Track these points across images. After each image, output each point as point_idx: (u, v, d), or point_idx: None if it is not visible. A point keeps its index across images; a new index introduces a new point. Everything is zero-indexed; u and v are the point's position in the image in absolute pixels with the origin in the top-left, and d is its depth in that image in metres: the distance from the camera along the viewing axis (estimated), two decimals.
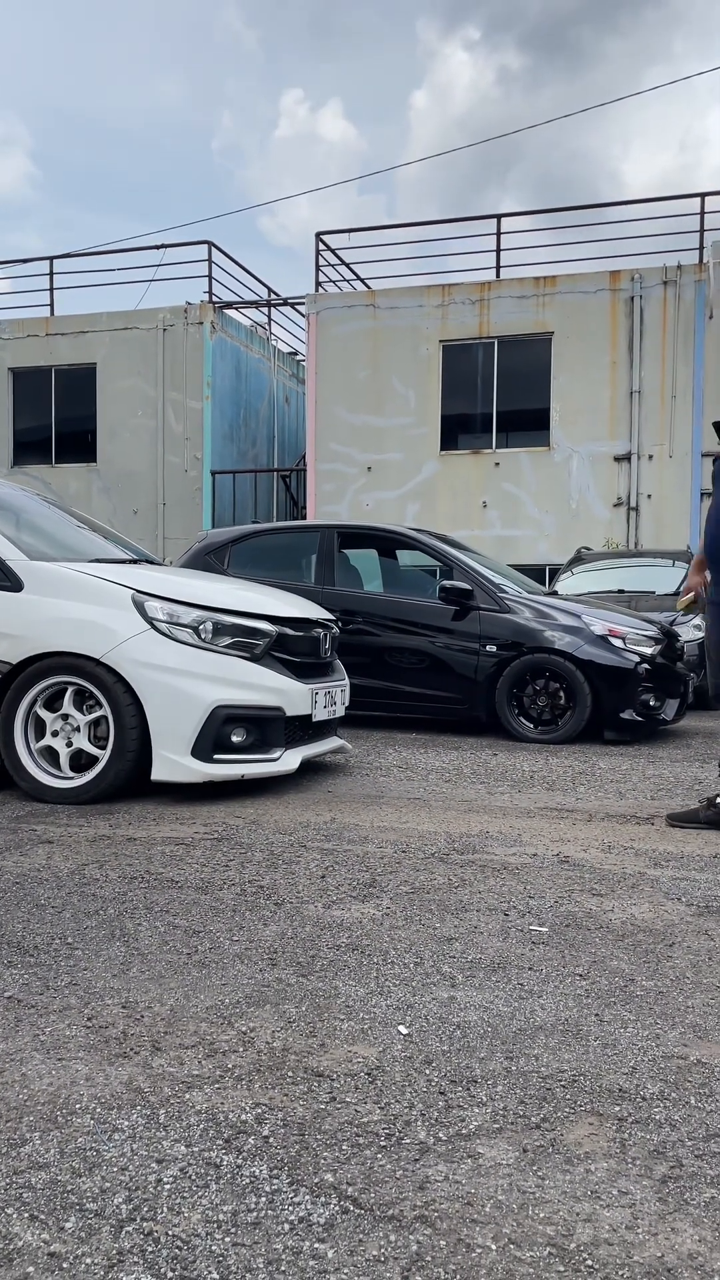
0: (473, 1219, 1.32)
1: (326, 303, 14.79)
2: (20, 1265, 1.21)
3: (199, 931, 2.48)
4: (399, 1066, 1.76)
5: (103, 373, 15.72)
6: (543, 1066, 1.77)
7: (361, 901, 2.76)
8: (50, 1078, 1.70)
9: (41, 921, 2.55)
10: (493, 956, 2.34)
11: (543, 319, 13.89)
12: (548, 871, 3.13)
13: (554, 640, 6.37)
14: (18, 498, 5.14)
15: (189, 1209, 1.33)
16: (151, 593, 4.22)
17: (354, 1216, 1.32)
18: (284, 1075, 1.72)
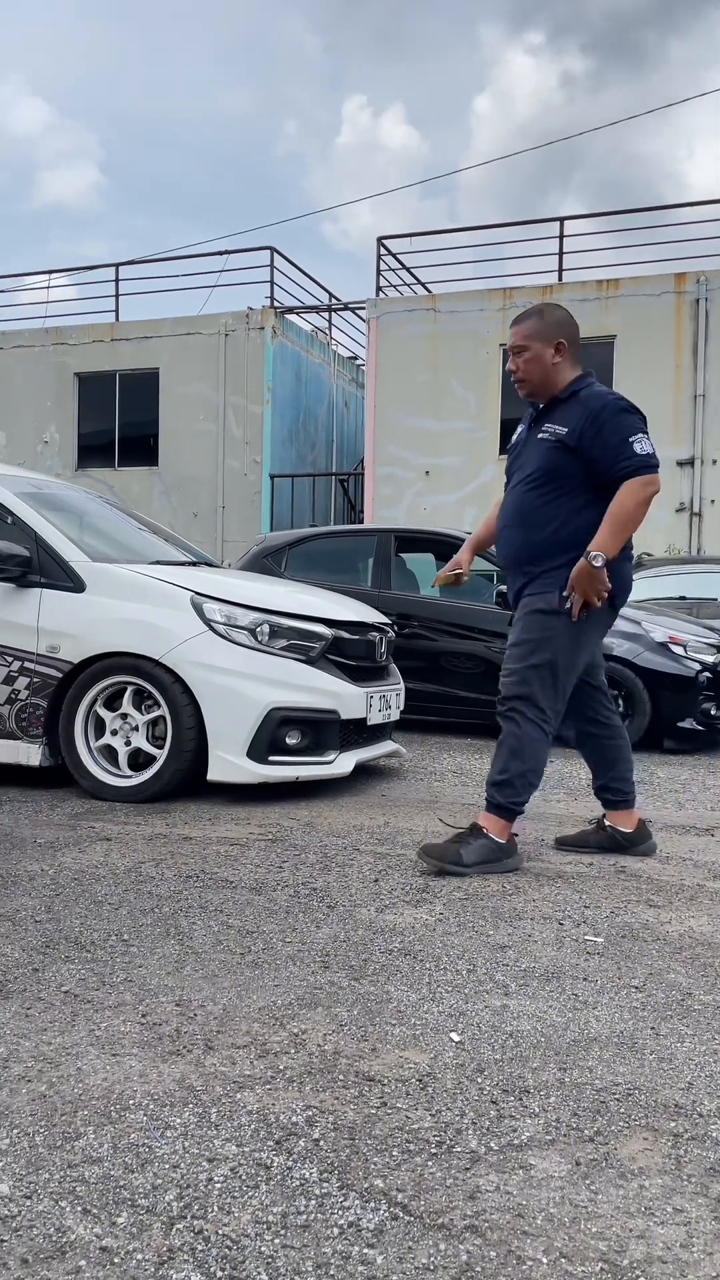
0: (524, 1231, 1.30)
1: (387, 307, 14.80)
2: (73, 1258, 1.23)
3: (252, 932, 2.50)
4: (450, 1074, 1.75)
5: (165, 377, 15.92)
6: (597, 1079, 1.75)
7: (414, 906, 2.75)
8: (105, 1073, 1.72)
9: (99, 917, 2.58)
10: (546, 965, 2.31)
11: (605, 322, 13.74)
12: (604, 881, 3.09)
13: (612, 647, 6.29)
14: (81, 500, 5.23)
15: (239, 1209, 1.33)
16: (210, 595, 4.26)
17: (404, 1223, 1.31)
18: (335, 1078, 1.72)
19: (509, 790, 3.15)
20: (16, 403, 16.63)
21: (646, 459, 3.11)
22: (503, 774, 3.16)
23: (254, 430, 15.54)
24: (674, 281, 13.51)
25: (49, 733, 4.27)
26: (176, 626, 4.14)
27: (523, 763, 3.16)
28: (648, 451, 3.12)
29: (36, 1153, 1.46)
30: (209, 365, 15.68)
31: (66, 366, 16.39)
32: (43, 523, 4.44)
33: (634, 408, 3.21)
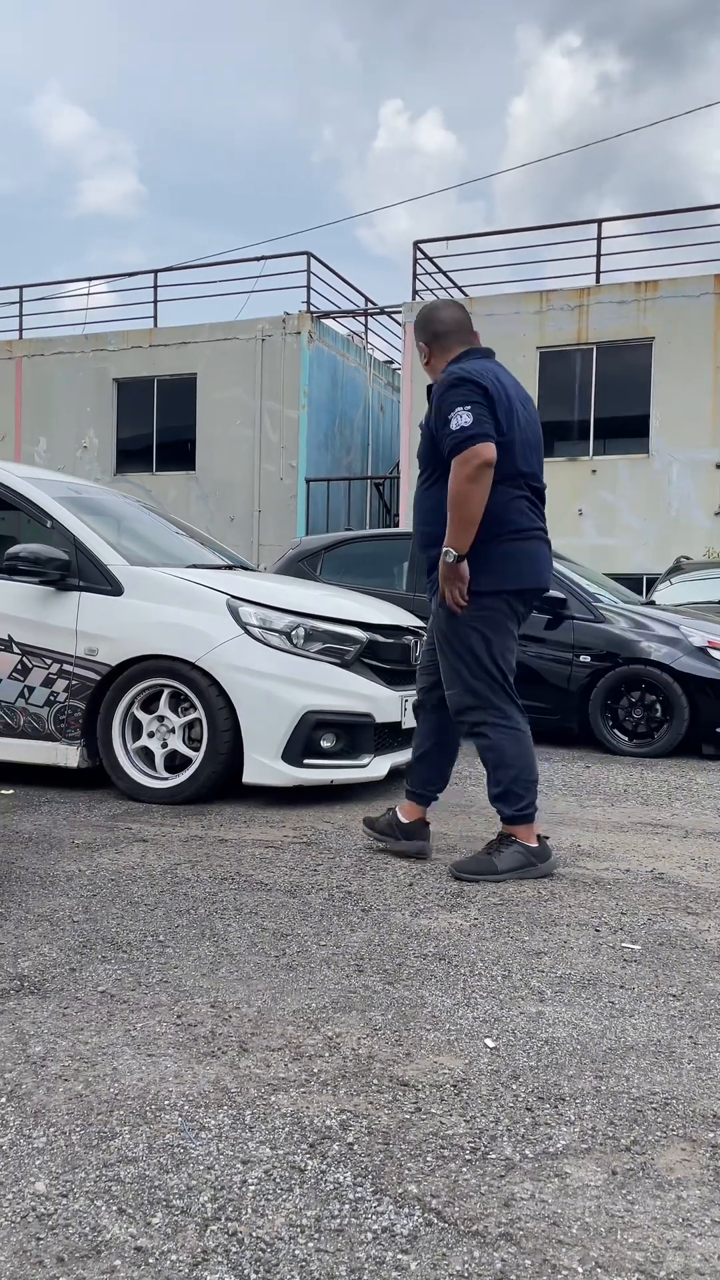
0: (559, 1240, 1.29)
1: None
2: (108, 1258, 1.24)
3: (287, 935, 2.50)
4: (485, 1080, 1.74)
5: (203, 382, 16.03)
6: (633, 1088, 1.73)
7: (449, 911, 2.74)
8: (140, 1073, 1.73)
9: (135, 918, 2.60)
10: (583, 972, 2.29)
11: (643, 324, 13.63)
12: (641, 888, 3.06)
13: (650, 651, 6.23)
14: (119, 505, 5.28)
15: (273, 1212, 1.34)
16: (245, 598, 4.28)
17: (438, 1230, 1.31)
18: (369, 1083, 1.72)
19: (511, 800, 3.12)
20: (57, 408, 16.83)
21: (459, 432, 2.94)
22: (498, 787, 3.13)
23: (290, 434, 15.60)
24: (713, 282, 13.37)
25: (87, 734, 4.31)
26: (213, 630, 4.16)
27: (509, 769, 3.12)
28: (462, 424, 2.94)
29: (73, 1151, 1.47)
30: (246, 370, 15.77)
31: (106, 372, 16.55)
32: (81, 527, 4.49)
33: (464, 379, 3.00)
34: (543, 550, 3.17)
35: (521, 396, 3.17)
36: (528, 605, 3.22)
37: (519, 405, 3.11)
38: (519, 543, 3.09)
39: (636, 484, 13.76)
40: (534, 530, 3.14)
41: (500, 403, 3.02)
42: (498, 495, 3.03)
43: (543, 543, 3.18)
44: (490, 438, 2.96)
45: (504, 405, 3.03)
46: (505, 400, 3.04)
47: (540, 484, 3.21)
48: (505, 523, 3.06)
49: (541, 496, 3.22)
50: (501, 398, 3.03)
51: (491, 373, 3.07)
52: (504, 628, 3.14)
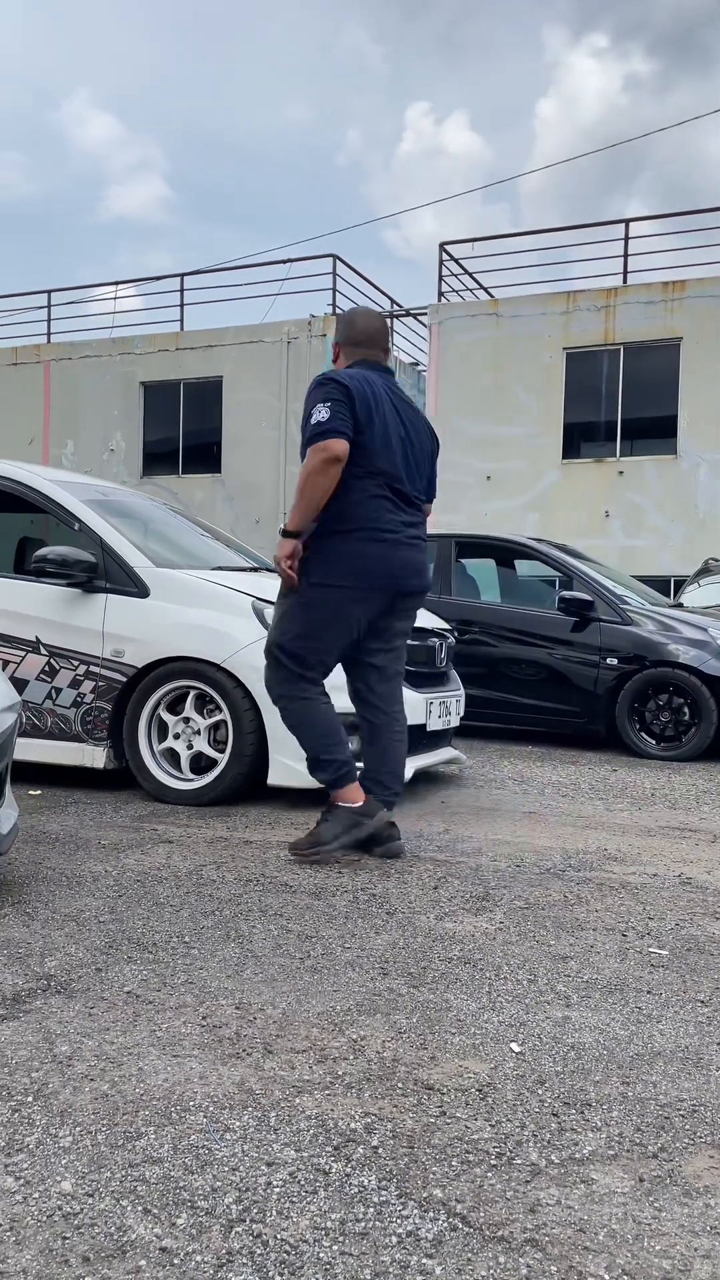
0: (585, 1246, 1.28)
1: (449, 312, 14.78)
2: (133, 1258, 1.24)
3: (311, 937, 2.50)
4: (511, 1085, 1.73)
5: (229, 385, 16.09)
6: (661, 1094, 1.72)
7: (474, 915, 2.73)
8: (165, 1074, 1.74)
9: (160, 919, 2.61)
10: (609, 977, 2.28)
11: (671, 324, 13.55)
12: (668, 893, 3.03)
13: (678, 654, 6.19)
14: (146, 507, 5.31)
15: (297, 1214, 1.33)
16: (271, 600, 4.29)
17: (463, 1234, 1.30)
18: (394, 1086, 1.71)
19: (323, 767, 3.27)
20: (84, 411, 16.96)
21: (315, 426, 3.11)
22: (309, 756, 3.30)
23: None
24: None
25: (113, 735, 4.34)
26: (238, 631, 4.17)
27: (314, 738, 3.26)
28: (319, 419, 3.10)
29: (99, 1151, 1.48)
30: (272, 373, 15.81)
31: (133, 376, 16.66)
32: (109, 529, 4.52)
33: (330, 379, 3.18)
34: (395, 552, 3.23)
35: (405, 408, 3.33)
36: (379, 606, 3.28)
37: (394, 413, 3.26)
38: (364, 542, 3.19)
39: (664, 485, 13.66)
40: (388, 531, 3.22)
41: (363, 403, 3.15)
42: (352, 493, 3.16)
43: (399, 545, 3.24)
44: (342, 434, 3.09)
45: (367, 406, 3.16)
46: (371, 402, 3.18)
47: (411, 489, 3.31)
48: (352, 519, 3.17)
49: (408, 500, 3.31)
50: (366, 399, 3.17)
51: (364, 379, 3.23)
52: (326, 620, 3.23)
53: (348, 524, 3.17)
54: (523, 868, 3.27)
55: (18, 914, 2.62)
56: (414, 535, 3.31)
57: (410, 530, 3.29)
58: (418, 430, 3.36)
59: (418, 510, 3.35)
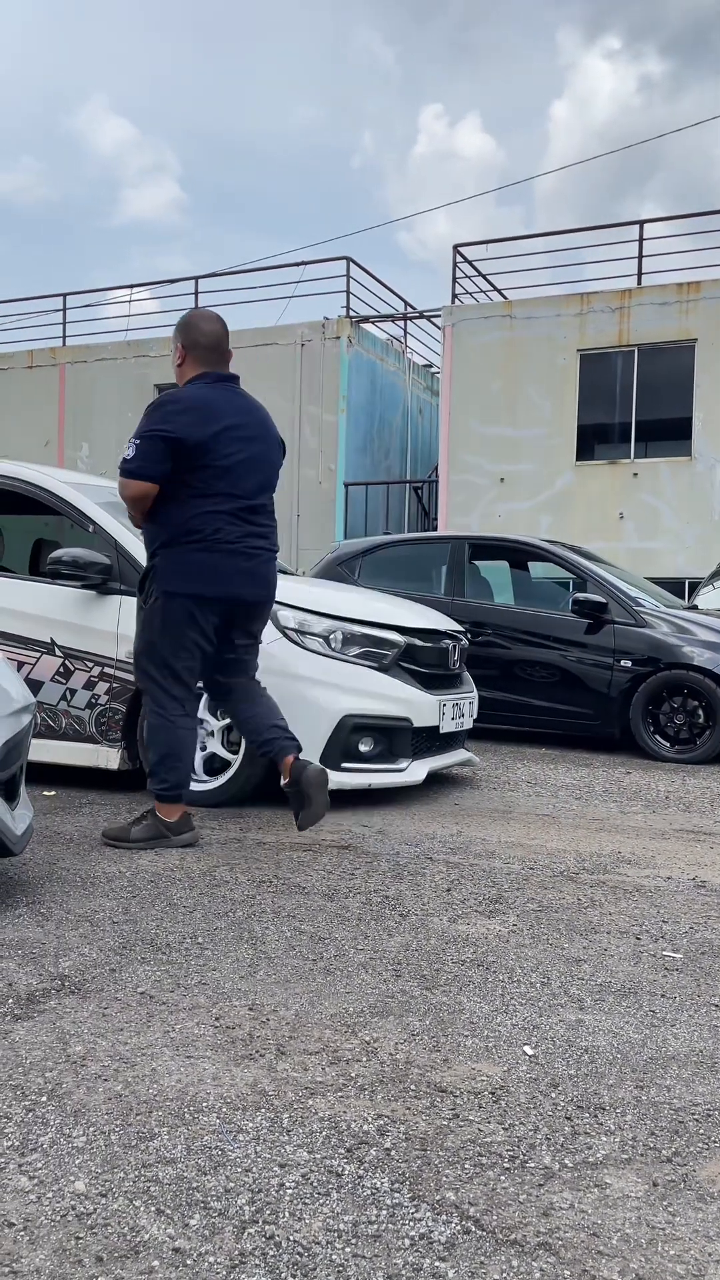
0: (599, 1251, 1.28)
1: (462, 314, 14.77)
2: (146, 1258, 1.24)
3: (324, 938, 2.50)
4: (524, 1088, 1.73)
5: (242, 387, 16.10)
6: (675, 1098, 1.71)
7: (487, 917, 2.73)
8: (179, 1074, 1.74)
9: (174, 920, 2.61)
10: (623, 981, 2.27)
11: (686, 326, 13.49)
12: (682, 896, 3.02)
13: (693, 656, 6.16)
14: None
15: (310, 1216, 1.33)
16: (284, 602, 4.29)
17: (476, 1238, 1.30)
18: (407, 1088, 1.71)
19: (155, 779, 3.43)
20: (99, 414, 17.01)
21: (124, 462, 3.30)
22: (148, 764, 3.47)
23: (329, 439, 15.63)
24: None
25: (128, 737, 4.35)
26: None
27: (156, 751, 3.41)
28: (127, 457, 3.28)
29: (112, 1151, 1.48)
30: (285, 375, 15.83)
31: (147, 378, 16.70)
32: (123, 531, 4.53)
33: (162, 403, 3.32)
34: (234, 562, 3.37)
35: (251, 423, 3.43)
36: (221, 612, 3.43)
37: (240, 432, 3.37)
38: (204, 552, 3.33)
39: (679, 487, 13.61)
40: (227, 543, 3.36)
41: (200, 428, 3.28)
42: (192, 508, 3.31)
43: (238, 555, 3.38)
44: (145, 478, 3.28)
45: (207, 431, 3.29)
46: (211, 425, 3.30)
47: (255, 502, 3.44)
48: (195, 532, 3.32)
49: (255, 513, 3.45)
50: (206, 422, 3.29)
51: (204, 401, 3.34)
52: (177, 628, 3.37)
53: (190, 536, 3.32)
54: (536, 870, 3.27)
55: (32, 914, 2.63)
56: (257, 547, 3.45)
57: (252, 541, 3.43)
58: (267, 442, 3.50)
59: (265, 522, 3.49)
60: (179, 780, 3.44)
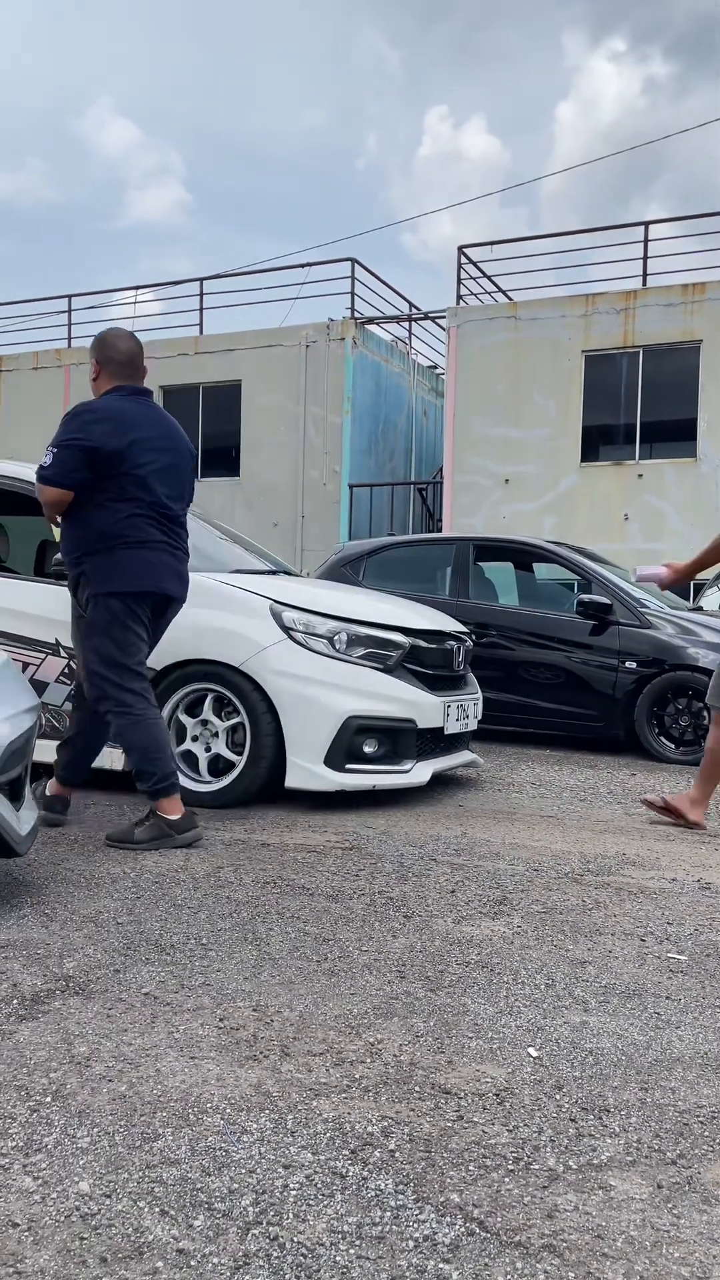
0: (603, 1253, 1.27)
1: (467, 315, 14.77)
2: (150, 1259, 1.24)
3: (329, 939, 2.50)
4: (528, 1089, 1.73)
5: (247, 389, 16.13)
6: (680, 1100, 1.70)
7: (492, 919, 2.73)
8: (183, 1075, 1.74)
9: (178, 921, 2.61)
10: (628, 983, 2.26)
11: (691, 327, 13.48)
12: (687, 898, 3.01)
13: (698, 657, 6.15)
14: None
15: (314, 1217, 1.33)
16: (289, 603, 4.29)
17: (480, 1239, 1.29)
18: (411, 1090, 1.71)
19: (144, 777, 3.46)
20: None
21: (40, 470, 3.44)
22: (133, 767, 3.50)
23: (334, 440, 15.64)
24: None
25: None
26: (256, 634, 4.18)
27: (135, 752, 3.47)
28: (44, 464, 3.42)
29: (116, 1152, 1.48)
30: (290, 376, 15.84)
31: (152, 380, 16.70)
32: None
33: (78, 414, 3.45)
34: (161, 559, 3.53)
35: (163, 434, 3.57)
36: (152, 607, 3.57)
37: (153, 443, 3.51)
38: (132, 550, 3.47)
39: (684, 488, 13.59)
40: (153, 542, 3.51)
41: (116, 438, 3.40)
42: (113, 513, 3.45)
43: (164, 552, 3.54)
44: (61, 486, 3.41)
45: (122, 440, 3.41)
46: (126, 434, 3.42)
47: (171, 508, 3.58)
48: (118, 535, 3.45)
49: (170, 519, 3.59)
50: (121, 432, 3.42)
51: (119, 412, 3.47)
52: (121, 626, 3.49)
53: (113, 540, 3.46)
54: (540, 872, 3.26)
55: (37, 915, 2.64)
56: (176, 548, 3.62)
57: (170, 541, 3.59)
58: (180, 452, 3.64)
59: (179, 529, 3.65)
60: (166, 771, 3.47)
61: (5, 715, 2.63)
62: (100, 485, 3.43)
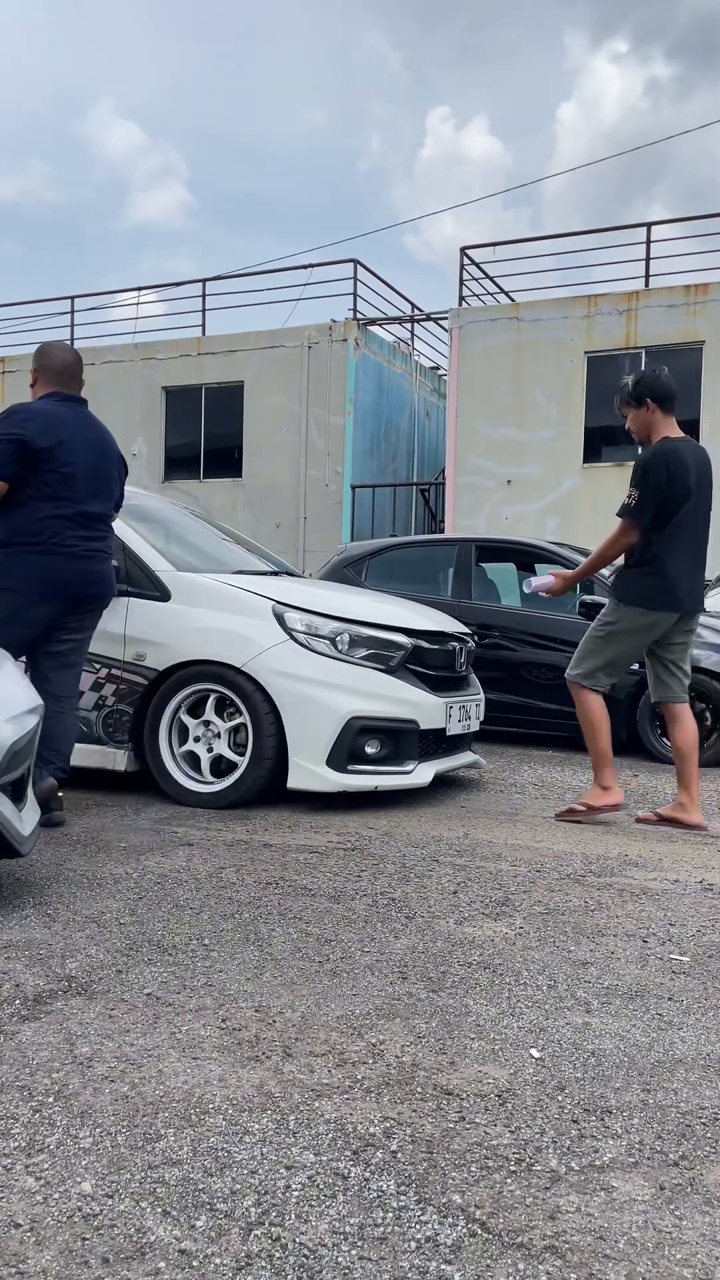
0: (605, 1254, 1.27)
1: (469, 316, 14.77)
2: (152, 1259, 1.24)
3: (331, 940, 2.50)
4: (530, 1091, 1.73)
5: (250, 390, 16.13)
6: (682, 1101, 1.70)
7: (494, 920, 2.72)
8: (185, 1076, 1.74)
9: (180, 921, 2.61)
10: (630, 984, 2.26)
11: (693, 328, 13.47)
12: (690, 899, 3.01)
13: (700, 658, 6.14)
14: (167, 511, 5.33)
15: (316, 1218, 1.33)
16: (291, 604, 4.30)
17: (482, 1240, 1.29)
18: (413, 1091, 1.71)
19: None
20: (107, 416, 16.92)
21: None
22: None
23: (336, 441, 15.64)
24: None
25: (134, 738, 4.36)
26: (258, 635, 4.18)
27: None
28: None
29: (119, 1152, 1.49)
30: (292, 377, 15.84)
31: (154, 381, 16.73)
32: (130, 533, 4.54)
33: (14, 411, 3.63)
34: (74, 564, 3.68)
35: (91, 438, 3.75)
36: (59, 609, 3.70)
37: (84, 443, 3.70)
38: (44, 554, 3.63)
39: None
40: (67, 546, 3.66)
41: (45, 438, 3.58)
42: (35, 513, 3.62)
43: (77, 558, 3.69)
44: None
45: (51, 441, 3.59)
46: (56, 436, 3.61)
47: (93, 510, 3.74)
48: (36, 535, 3.62)
49: (93, 520, 3.75)
50: (50, 433, 3.60)
51: (52, 414, 3.66)
52: (6, 619, 3.62)
53: (30, 538, 3.62)
54: (543, 873, 3.26)
55: (39, 915, 2.64)
56: (94, 549, 3.77)
57: (90, 544, 3.74)
58: (107, 456, 3.82)
59: (102, 529, 3.82)
60: (60, 764, 3.68)
61: (8, 716, 2.63)
62: (28, 480, 3.60)
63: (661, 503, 4.01)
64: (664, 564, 4.04)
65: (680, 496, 4.03)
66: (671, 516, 4.04)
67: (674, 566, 4.05)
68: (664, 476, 4.01)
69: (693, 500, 4.07)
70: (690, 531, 4.10)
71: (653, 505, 4.01)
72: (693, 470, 4.09)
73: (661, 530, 4.04)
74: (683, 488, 4.03)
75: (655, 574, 4.05)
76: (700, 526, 4.17)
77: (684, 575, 4.07)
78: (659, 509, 4.02)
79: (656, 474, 4.02)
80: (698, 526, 4.15)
